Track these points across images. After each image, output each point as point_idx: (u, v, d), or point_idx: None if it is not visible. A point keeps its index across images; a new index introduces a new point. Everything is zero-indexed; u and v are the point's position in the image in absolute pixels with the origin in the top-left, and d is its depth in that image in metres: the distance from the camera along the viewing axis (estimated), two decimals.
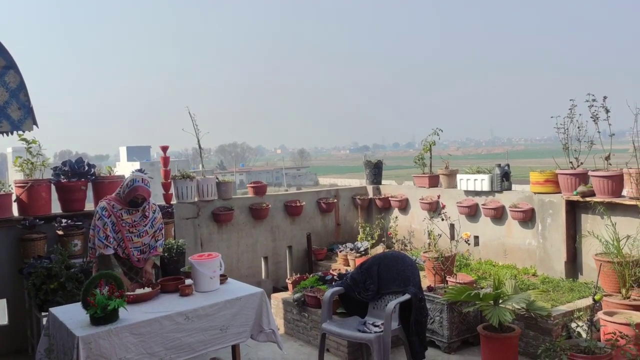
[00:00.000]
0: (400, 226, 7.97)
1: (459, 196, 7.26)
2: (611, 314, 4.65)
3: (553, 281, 5.88)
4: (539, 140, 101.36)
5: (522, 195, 6.63)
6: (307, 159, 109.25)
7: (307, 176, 79.47)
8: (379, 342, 4.27)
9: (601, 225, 5.53)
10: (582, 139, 5.97)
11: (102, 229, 4.54)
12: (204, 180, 7.00)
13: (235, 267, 7.20)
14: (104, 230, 4.53)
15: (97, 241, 4.52)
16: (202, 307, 4.21)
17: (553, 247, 6.14)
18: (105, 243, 4.52)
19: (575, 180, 5.88)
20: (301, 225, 7.90)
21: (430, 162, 7.88)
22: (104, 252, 4.51)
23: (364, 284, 4.99)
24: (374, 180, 8.69)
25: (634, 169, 5.28)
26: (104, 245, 4.53)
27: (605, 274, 5.20)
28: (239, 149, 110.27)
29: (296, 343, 5.69)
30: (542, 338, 4.85)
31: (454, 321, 5.23)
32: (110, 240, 4.55)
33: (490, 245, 6.96)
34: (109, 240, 4.54)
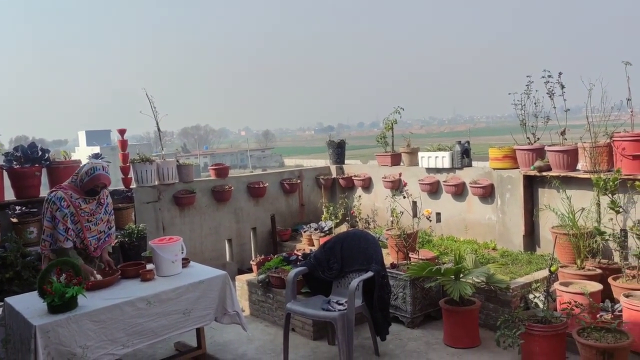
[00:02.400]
0: (364, 205, 8.02)
1: (421, 174, 7.34)
2: (567, 284, 4.79)
3: (512, 254, 6.03)
4: (500, 117, 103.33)
5: (481, 171, 6.74)
6: (272, 141, 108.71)
7: (273, 158, 79.14)
8: (343, 319, 4.31)
9: (557, 199, 5.67)
10: (538, 115, 6.09)
11: (62, 221, 4.30)
12: (164, 164, 6.88)
13: (199, 251, 7.14)
14: (64, 223, 4.31)
15: (58, 234, 4.30)
16: (164, 292, 4.17)
17: (512, 222, 6.28)
18: (65, 236, 4.32)
19: (532, 156, 6.01)
20: (265, 207, 7.87)
21: (392, 140, 7.92)
22: (64, 245, 4.32)
23: (328, 263, 5.01)
24: (337, 160, 8.70)
25: (587, 144, 5.41)
26: (64, 238, 4.31)
27: (561, 246, 5.36)
28: (202, 132, 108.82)
29: (262, 324, 5.70)
30: (501, 310, 4.97)
31: (416, 296, 5.31)
32: (71, 233, 4.37)
33: (451, 221, 7.07)
34: (70, 233, 4.36)
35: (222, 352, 5.05)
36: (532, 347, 4.31)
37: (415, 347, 4.90)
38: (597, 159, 5.30)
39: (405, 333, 5.21)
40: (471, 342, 4.84)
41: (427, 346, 4.90)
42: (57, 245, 4.33)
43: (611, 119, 5.38)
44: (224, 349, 5.13)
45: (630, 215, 5.12)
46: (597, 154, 5.30)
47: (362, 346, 4.96)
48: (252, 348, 5.10)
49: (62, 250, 4.32)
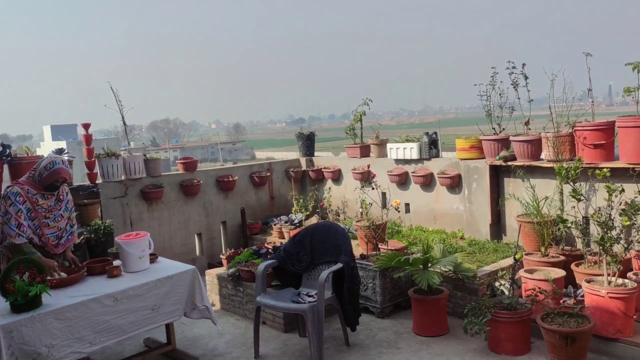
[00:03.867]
0: (334, 197, 8.04)
1: (390, 165, 7.39)
2: (531, 271, 4.91)
3: (479, 243, 6.13)
4: (469, 108, 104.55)
5: (449, 162, 6.83)
6: (242, 133, 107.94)
7: (244, 150, 78.63)
8: (313, 311, 4.33)
9: (522, 188, 5.79)
10: (503, 106, 6.19)
11: (15, 217, 4.16)
12: (130, 158, 6.77)
13: (168, 246, 7.06)
14: (17, 218, 4.16)
15: (9, 230, 4.15)
16: (131, 288, 4.12)
17: (479, 211, 6.38)
18: (17, 231, 4.16)
19: (497, 146, 6.11)
20: (235, 200, 7.82)
21: (361, 132, 7.95)
22: (15, 241, 4.16)
23: (298, 255, 5.02)
24: (306, 152, 8.70)
25: (550, 133, 5.53)
26: (15, 233, 4.15)
27: (526, 234, 5.48)
28: (171, 125, 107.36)
29: (232, 318, 5.69)
30: (469, 298, 5.06)
31: (386, 287, 5.36)
32: (24, 229, 4.18)
33: (420, 211, 7.15)
34: (22, 229, 4.18)
35: (193, 347, 5.02)
36: (499, 334, 4.41)
37: (385, 336, 4.95)
38: (560, 148, 5.42)
39: (375, 323, 5.26)
40: (440, 330, 4.91)
41: (397, 335, 4.95)
42: (8, 242, 4.17)
43: (574, 109, 5.50)
44: (194, 344, 5.10)
45: (591, 202, 5.25)
46: (559, 143, 5.42)
47: (332, 337, 4.99)
48: (222, 342, 5.09)
49: (15, 246, 4.17)
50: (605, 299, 4.21)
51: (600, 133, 5.17)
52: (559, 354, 4.08)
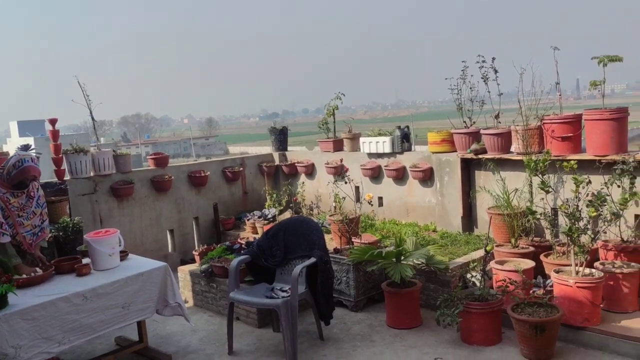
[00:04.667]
0: (308, 191, 8.04)
1: (363, 159, 7.41)
2: (502, 262, 4.98)
3: (451, 235, 6.20)
4: (441, 102, 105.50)
5: (421, 155, 6.88)
6: (215, 128, 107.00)
7: (217, 145, 77.99)
8: (287, 306, 4.31)
9: (493, 181, 5.86)
10: (474, 99, 6.25)
11: None
12: (99, 154, 6.64)
13: (139, 242, 6.96)
14: None
15: None
16: (101, 286, 4.05)
17: (450, 204, 6.44)
18: (1, 230, 4.11)
19: (468, 139, 6.17)
20: (207, 196, 7.75)
21: (334, 126, 7.95)
22: (1, 240, 4.10)
23: (271, 250, 5.00)
24: (279, 147, 8.67)
25: (520, 126, 5.61)
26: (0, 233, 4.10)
27: (497, 226, 5.56)
28: (143, 120, 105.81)
29: (206, 314, 5.64)
30: (441, 290, 5.10)
31: (359, 280, 5.38)
32: (5, 227, 4.13)
33: (393, 205, 7.19)
34: (4, 227, 4.13)
35: (165, 344, 4.97)
36: (470, 324, 4.47)
37: (359, 330, 4.97)
38: (529, 141, 5.50)
39: (349, 317, 5.27)
40: (413, 322, 4.95)
41: (371, 329, 4.98)
42: None
43: (542, 103, 5.59)
44: (167, 341, 5.04)
45: (559, 194, 5.35)
46: (528, 136, 5.50)
47: (306, 332, 4.99)
48: (196, 339, 5.05)
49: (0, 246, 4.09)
50: (573, 288, 4.30)
51: (568, 126, 5.27)
52: (529, 343, 4.15)
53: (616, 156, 4.89)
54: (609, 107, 5.09)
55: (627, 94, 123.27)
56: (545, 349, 4.15)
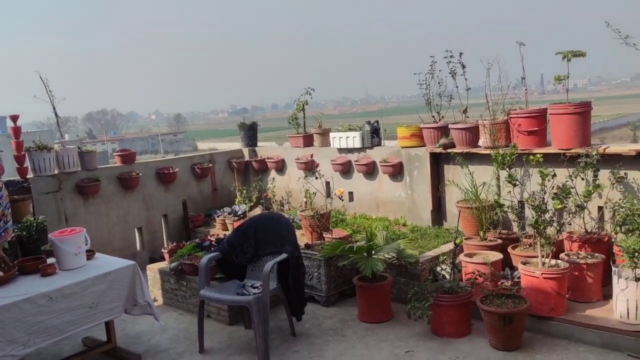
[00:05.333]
0: (278, 187, 8.00)
1: (333, 154, 7.41)
2: (471, 255, 5.05)
3: (421, 229, 6.25)
4: (410, 97, 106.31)
5: (391, 150, 6.92)
6: (184, 124, 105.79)
7: (185, 142, 77.15)
8: (258, 303, 4.29)
9: (461, 175, 5.93)
10: (442, 94, 6.31)
11: None
12: (64, 151, 6.48)
13: (106, 241, 6.83)
14: None
15: None
16: (67, 286, 3.97)
17: (420, 198, 6.50)
18: None
19: (437, 134, 6.23)
20: (176, 192, 7.65)
21: (304, 122, 7.92)
22: None
23: (241, 247, 4.96)
24: (249, 143, 8.60)
25: (487, 121, 5.68)
26: None
27: (465, 219, 5.63)
28: (109, 116, 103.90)
29: (176, 312, 5.57)
30: (412, 283, 5.14)
31: (331, 275, 5.39)
32: None
33: (363, 199, 7.22)
34: None
35: (135, 344, 4.89)
36: (441, 317, 4.52)
37: (331, 325, 4.98)
38: (496, 135, 5.58)
39: (321, 312, 5.28)
40: (384, 316, 4.99)
41: (343, 323, 4.99)
42: None
43: (509, 97, 5.68)
44: (136, 341, 4.96)
45: (526, 187, 5.44)
46: (495, 130, 5.58)
47: (278, 328, 4.98)
48: (166, 338, 4.98)
49: None
50: (539, 279, 4.38)
51: (533, 120, 5.36)
52: (498, 334, 4.23)
53: (580, 149, 5.00)
54: (572, 101, 5.20)
55: (589, 88, 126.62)
56: (514, 339, 4.22)
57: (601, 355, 4.03)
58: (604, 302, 4.57)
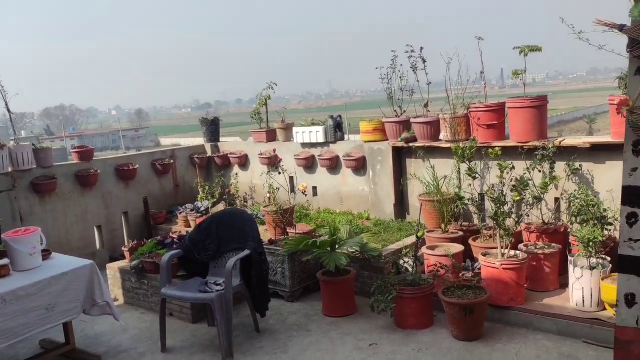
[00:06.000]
0: (242, 183, 7.94)
1: (297, 149, 7.39)
2: (433, 247, 5.11)
3: (384, 223, 6.30)
4: (374, 91, 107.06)
5: (354, 144, 6.94)
6: (145, 120, 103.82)
7: (148, 137, 75.68)
8: (221, 300, 4.25)
9: (423, 168, 6.00)
10: (404, 89, 6.35)
11: None
12: (17, 148, 6.27)
13: (64, 241, 6.65)
14: None
15: None
16: (21, 288, 3.85)
17: (383, 192, 6.54)
18: None
19: (399, 128, 6.27)
20: (137, 190, 7.50)
21: (267, 117, 7.87)
22: None
23: (204, 244, 4.90)
24: (211, 138, 8.50)
25: (448, 115, 5.75)
26: None
27: (427, 212, 5.69)
28: (67, 112, 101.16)
29: (137, 312, 5.47)
30: (375, 277, 5.16)
31: (295, 271, 5.38)
32: None
33: (327, 194, 7.23)
34: None
35: (95, 345, 4.78)
36: (404, 309, 4.56)
37: (296, 320, 4.97)
38: (457, 129, 5.66)
39: (286, 307, 5.26)
40: (348, 310, 5.00)
41: (307, 318, 4.99)
42: None
43: (470, 92, 5.75)
44: (96, 342, 4.85)
45: (486, 180, 5.54)
46: (456, 124, 5.65)
47: (242, 325, 4.94)
48: (127, 338, 4.88)
49: None
50: (499, 270, 4.47)
51: (492, 114, 5.45)
52: (459, 325, 4.29)
53: (537, 142, 5.11)
54: (530, 95, 5.31)
55: (547, 83, 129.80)
56: (474, 329, 4.30)
57: (558, 342, 4.13)
58: (561, 290, 4.70)
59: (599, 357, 3.86)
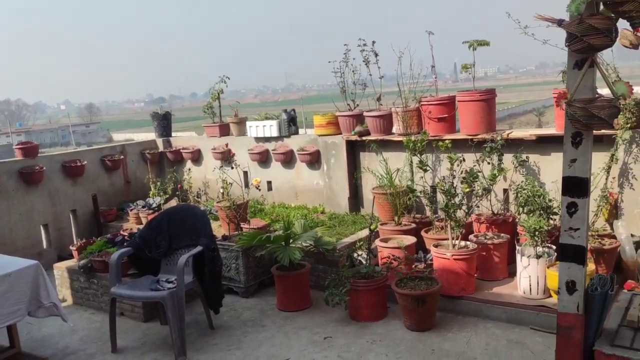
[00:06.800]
0: (195, 178, 7.81)
1: (251, 143, 7.32)
2: (386, 240, 5.16)
3: (339, 216, 6.32)
4: (330, 85, 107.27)
5: (308, 138, 6.93)
6: (97, 115, 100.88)
7: (99, 133, 73.65)
8: (172, 298, 4.17)
9: (376, 162, 6.04)
10: (357, 82, 6.37)
11: None
12: None
13: (8, 240, 6.40)
14: None
15: None
16: None
17: (338, 185, 6.56)
18: None
19: (353, 121, 6.29)
20: (85, 186, 7.28)
21: (219, 110, 7.77)
22: None
23: (155, 241, 4.79)
24: (163, 133, 8.34)
25: (400, 108, 5.81)
26: None
27: (381, 205, 5.74)
28: (13, 107, 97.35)
29: (87, 312, 5.32)
30: (330, 270, 5.18)
31: (249, 266, 5.33)
32: None
33: (282, 188, 7.20)
34: None
35: (41, 347, 4.62)
36: (358, 302, 4.59)
37: (250, 315, 4.94)
38: (409, 122, 5.72)
39: (240, 303, 5.22)
40: (303, 304, 5.00)
41: (262, 313, 4.96)
42: None
43: (423, 85, 5.82)
44: (43, 344, 4.69)
45: (437, 172, 5.63)
46: (408, 117, 5.72)
47: (196, 322, 4.88)
48: (75, 339, 4.74)
49: None
50: (450, 261, 4.55)
51: (443, 107, 5.54)
52: (412, 315, 4.35)
53: (486, 135, 5.23)
54: (479, 89, 5.41)
55: (499, 76, 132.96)
56: (427, 319, 4.37)
57: (507, 330, 4.25)
58: (509, 279, 4.83)
59: (545, 342, 3.98)
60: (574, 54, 2.37)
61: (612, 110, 2.29)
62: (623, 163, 4.77)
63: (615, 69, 4.67)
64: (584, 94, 2.37)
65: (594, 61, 2.35)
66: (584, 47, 2.28)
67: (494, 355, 3.91)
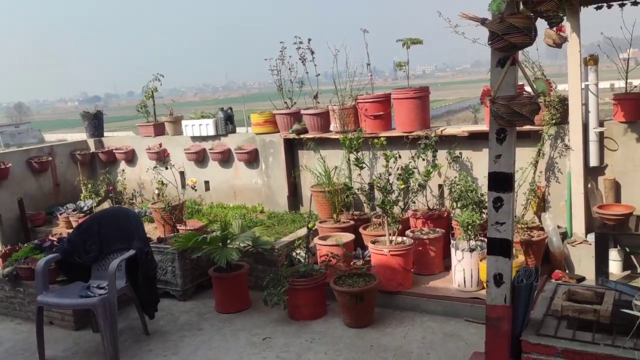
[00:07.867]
0: (129, 179, 7.56)
1: (187, 143, 7.16)
2: (325, 237, 5.17)
3: (278, 215, 6.28)
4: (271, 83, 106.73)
5: (246, 137, 6.84)
6: (27, 114, 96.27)
7: (30, 133, 70.25)
8: (104, 304, 4.01)
9: (314, 160, 6.04)
10: (293, 80, 6.35)
11: None
12: None
13: None
14: None
15: None
16: None
17: (276, 184, 6.52)
18: None
19: (290, 120, 6.26)
20: (10, 190, 6.90)
21: (154, 110, 7.55)
22: None
23: (84, 245, 4.60)
24: (95, 133, 8.03)
25: (337, 106, 5.82)
26: None
27: (319, 203, 5.75)
28: None
29: (13, 322, 5.06)
30: (269, 270, 5.13)
31: (186, 268, 5.21)
32: None
33: (220, 188, 7.08)
34: None
35: None
36: (297, 301, 4.57)
37: (187, 319, 4.83)
38: (345, 120, 5.75)
39: (177, 307, 5.10)
40: (242, 305, 4.94)
41: (199, 317, 4.86)
42: None
43: (361, 83, 5.86)
44: None
45: (374, 169, 5.69)
46: (345, 115, 5.74)
47: (130, 328, 4.72)
48: (1, 351, 4.49)
49: None
50: (387, 257, 4.61)
51: (379, 105, 5.59)
52: (350, 312, 4.37)
53: (421, 132, 5.32)
54: (414, 87, 5.50)
55: (436, 74, 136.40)
56: (365, 316, 4.40)
57: (443, 322, 4.34)
58: (445, 273, 4.94)
59: (479, 333, 4.07)
60: (496, 52, 2.43)
61: (533, 107, 2.36)
62: (549, 158, 4.97)
63: (541, 67, 4.85)
64: (507, 91, 2.43)
65: (516, 59, 2.42)
66: (506, 46, 2.33)
67: (430, 348, 3.99)
